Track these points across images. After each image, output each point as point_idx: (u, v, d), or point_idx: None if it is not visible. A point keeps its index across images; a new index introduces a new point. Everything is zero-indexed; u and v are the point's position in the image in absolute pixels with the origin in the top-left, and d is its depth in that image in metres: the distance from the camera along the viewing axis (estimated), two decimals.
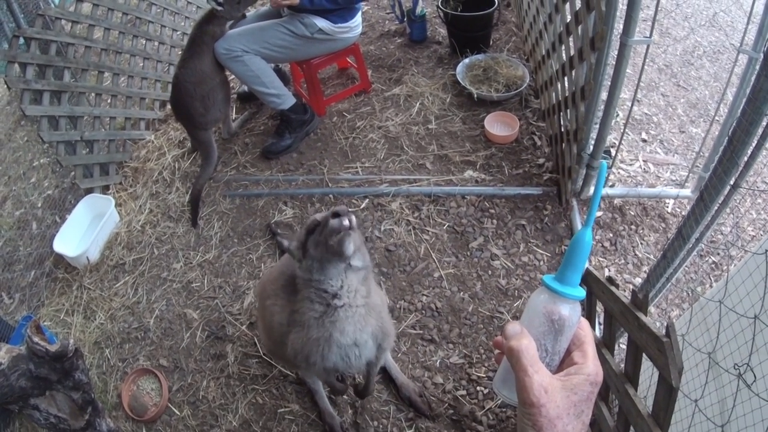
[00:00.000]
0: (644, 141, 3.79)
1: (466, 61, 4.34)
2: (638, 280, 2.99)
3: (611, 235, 3.25)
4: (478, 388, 2.75)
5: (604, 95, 2.74)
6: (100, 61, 4.04)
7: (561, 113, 3.31)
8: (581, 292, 0.78)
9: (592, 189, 3.18)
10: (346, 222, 1.69)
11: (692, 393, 1.82)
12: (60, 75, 3.65)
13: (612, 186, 3.36)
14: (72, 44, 3.75)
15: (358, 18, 3.91)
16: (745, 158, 1.92)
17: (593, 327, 2.06)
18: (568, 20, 3.03)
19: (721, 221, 2.45)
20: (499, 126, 3.86)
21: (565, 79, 3.21)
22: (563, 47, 3.23)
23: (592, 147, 2.93)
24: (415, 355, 2.89)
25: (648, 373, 2.02)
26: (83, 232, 3.74)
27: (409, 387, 2.73)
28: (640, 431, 1.62)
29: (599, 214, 3.32)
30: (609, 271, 3.07)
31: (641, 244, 3.19)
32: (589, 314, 2.07)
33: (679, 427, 1.86)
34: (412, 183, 3.66)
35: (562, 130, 3.29)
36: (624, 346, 2.60)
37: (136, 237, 3.73)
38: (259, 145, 4.13)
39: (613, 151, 3.20)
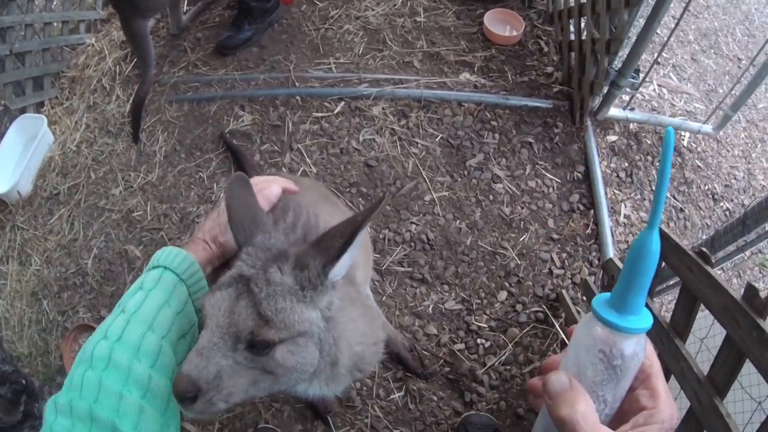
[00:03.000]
0: (657, 63, 3.07)
1: None
2: None
3: (626, 164, 2.67)
4: (478, 340, 2.22)
5: None
6: None
7: (583, 19, 2.62)
8: (649, 320, 0.57)
9: (611, 110, 2.65)
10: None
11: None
12: None
13: (632, 110, 2.74)
14: None
15: None
16: None
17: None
18: None
19: None
20: (500, 25, 3.04)
21: None
22: None
23: (620, 63, 2.40)
24: (403, 299, 2.30)
25: None
26: (15, 161, 3.01)
27: (398, 340, 2.16)
28: None
29: (614, 138, 2.71)
30: (625, 207, 2.55)
31: None
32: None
33: None
34: (397, 84, 2.83)
35: (583, 38, 2.60)
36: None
37: (71, 160, 2.98)
38: (213, 40, 3.21)
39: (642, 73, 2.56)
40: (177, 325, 0.99)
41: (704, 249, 1.29)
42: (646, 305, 0.58)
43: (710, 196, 2.68)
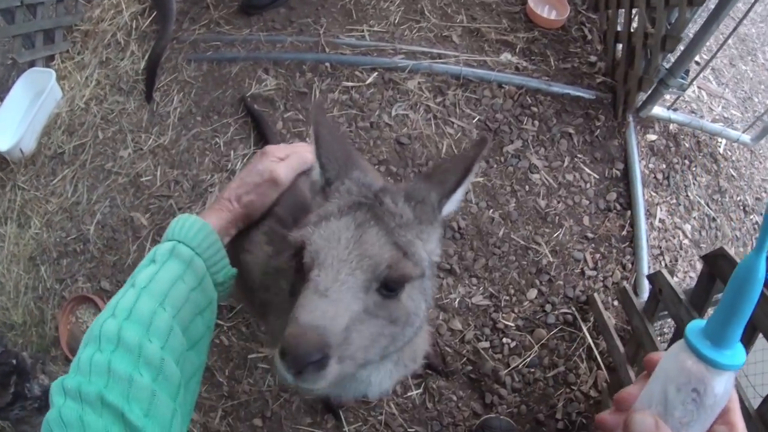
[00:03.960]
0: (697, 64, 2.90)
1: None
2: (688, 227, 2.38)
3: (664, 166, 2.48)
4: (504, 339, 2.06)
5: None
6: None
7: (635, 10, 2.38)
8: (743, 355, 0.51)
9: (655, 108, 2.46)
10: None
11: None
12: None
13: (676, 110, 2.54)
14: None
15: None
16: None
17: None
18: None
19: None
20: (544, 7, 2.80)
21: None
22: None
23: (669, 62, 2.23)
24: None
25: None
26: (20, 117, 2.79)
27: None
28: None
29: (654, 137, 2.52)
30: (661, 210, 2.36)
31: (693, 184, 2.50)
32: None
33: None
34: (435, 59, 2.58)
35: (632, 30, 2.37)
36: None
37: (79, 117, 2.76)
38: None
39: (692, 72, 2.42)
40: (192, 303, 0.90)
41: None
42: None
43: (741, 207, 2.52)
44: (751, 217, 2.53)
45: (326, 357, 0.68)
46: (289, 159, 1.11)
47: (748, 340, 1.24)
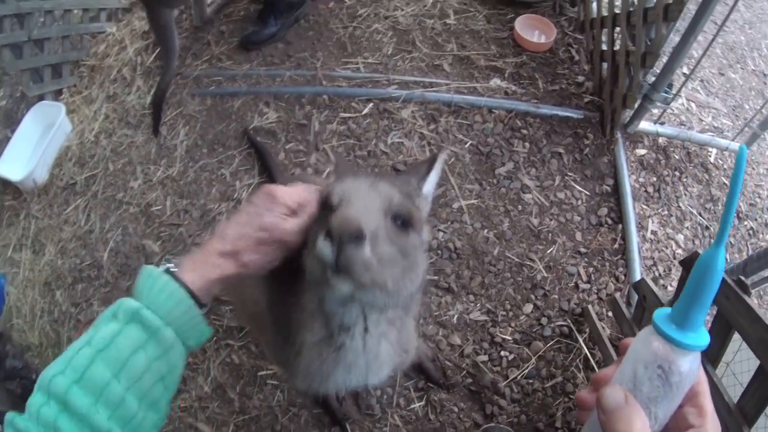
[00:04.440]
0: (685, 75, 2.97)
1: None
2: (680, 237, 2.44)
3: (655, 179, 2.55)
4: (502, 353, 2.12)
5: None
6: None
7: (617, 29, 2.49)
8: (707, 337, 0.57)
9: (642, 123, 2.56)
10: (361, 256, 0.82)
11: None
12: None
13: (662, 123, 2.63)
14: None
15: None
16: None
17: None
18: None
19: None
20: (531, 31, 2.92)
21: None
22: None
23: (653, 77, 2.35)
24: (427, 307, 2.20)
25: None
26: (32, 148, 2.91)
27: (421, 349, 2.03)
28: None
29: (643, 152, 2.61)
30: (653, 222, 2.43)
31: (685, 194, 2.55)
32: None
33: None
34: (427, 87, 2.71)
35: (616, 49, 2.48)
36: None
37: (89, 150, 2.88)
38: (237, 34, 3.10)
39: (676, 86, 2.49)
40: (152, 372, 0.84)
41: (743, 278, 1.23)
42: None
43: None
44: (745, 223, 2.58)
45: (362, 237, 0.81)
46: (300, 215, 0.98)
47: (723, 338, 1.31)
